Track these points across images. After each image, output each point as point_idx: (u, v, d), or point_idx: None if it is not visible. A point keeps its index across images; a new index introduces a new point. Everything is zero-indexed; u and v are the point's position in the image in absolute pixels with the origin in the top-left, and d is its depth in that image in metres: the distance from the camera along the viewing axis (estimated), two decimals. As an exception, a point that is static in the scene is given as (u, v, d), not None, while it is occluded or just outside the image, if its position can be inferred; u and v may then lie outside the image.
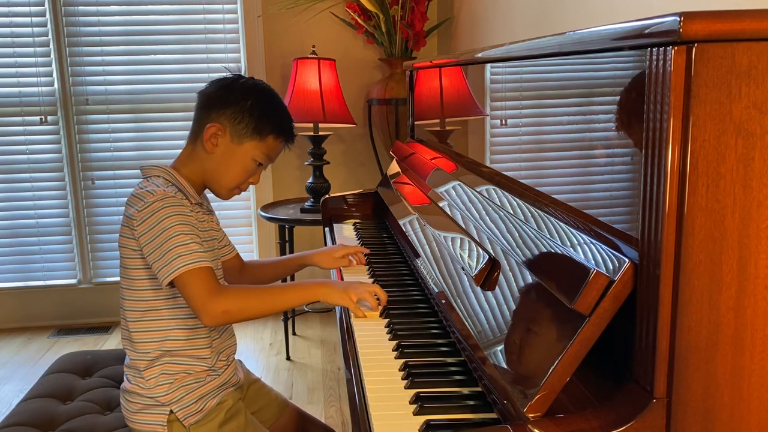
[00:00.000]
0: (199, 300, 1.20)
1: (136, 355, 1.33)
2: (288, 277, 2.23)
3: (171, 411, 1.30)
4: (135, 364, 1.33)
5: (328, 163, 2.95)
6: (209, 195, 1.48)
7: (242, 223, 3.48)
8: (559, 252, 0.85)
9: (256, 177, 1.41)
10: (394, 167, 2.06)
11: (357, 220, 2.11)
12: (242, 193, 1.44)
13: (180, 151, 1.40)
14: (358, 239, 1.89)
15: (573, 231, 0.86)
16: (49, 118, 3.27)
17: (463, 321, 1.04)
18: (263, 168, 1.41)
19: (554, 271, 0.83)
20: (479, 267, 1.05)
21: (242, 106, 1.34)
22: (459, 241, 1.20)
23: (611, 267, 0.74)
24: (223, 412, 1.34)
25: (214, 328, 1.36)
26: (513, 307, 0.92)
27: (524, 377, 0.80)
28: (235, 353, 1.44)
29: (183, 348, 1.32)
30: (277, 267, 1.63)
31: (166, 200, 1.24)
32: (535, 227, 0.97)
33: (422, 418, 0.90)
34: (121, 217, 1.32)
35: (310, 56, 2.91)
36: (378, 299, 1.32)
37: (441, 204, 1.43)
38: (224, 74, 1.41)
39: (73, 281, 3.41)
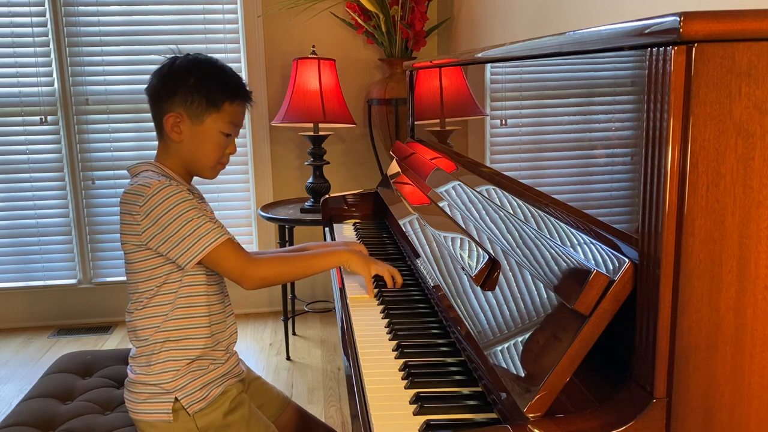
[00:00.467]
0: (238, 269, 1.30)
1: (140, 343, 1.34)
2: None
3: (176, 399, 1.31)
4: (141, 351, 1.34)
5: (328, 163, 2.95)
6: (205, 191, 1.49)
7: (242, 223, 3.48)
8: (559, 252, 0.85)
9: (231, 147, 1.41)
10: (394, 167, 2.06)
11: (357, 220, 2.11)
12: (226, 167, 1.45)
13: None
14: (358, 239, 1.89)
15: (573, 231, 0.86)
16: (49, 118, 3.27)
17: (463, 321, 1.04)
18: (234, 136, 1.41)
19: (554, 271, 0.83)
20: (479, 267, 1.05)
21: (187, 86, 1.34)
22: (459, 241, 1.20)
23: (611, 267, 0.74)
24: (228, 401, 1.35)
25: (214, 312, 1.38)
26: (513, 307, 0.92)
27: (524, 377, 0.80)
28: (235, 343, 1.45)
29: (181, 327, 1.33)
30: None
31: (165, 189, 1.26)
32: (535, 227, 0.97)
33: (422, 418, 0.90)
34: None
35: (310, 56, 2.91)
36: (394, 280, 1.43)
37: (441, 204, 1.43)
38: (162, 63, 1.40)
39: (73, 281, 3.41)
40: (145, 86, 1.39)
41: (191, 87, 1.34)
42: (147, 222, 1.26)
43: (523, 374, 0.81)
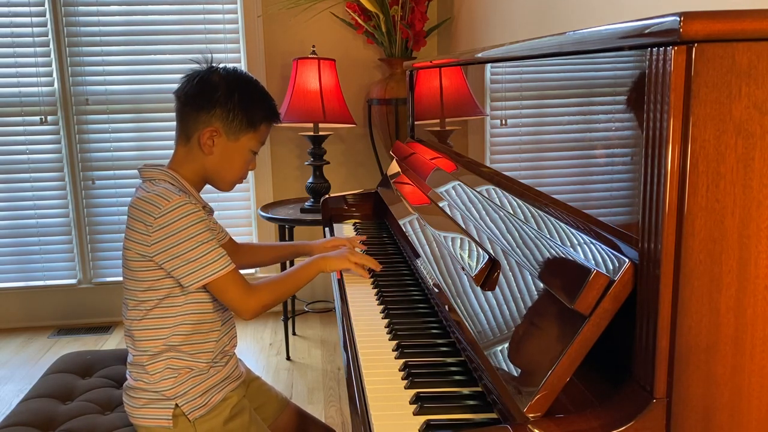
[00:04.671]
0: (239, 300, 1.31)
1: (137, 352, 1.33)
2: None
3: (176, 405, 1.30)
4: (139, 360, 1.33)
5: (328, 163, 2.95)
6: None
7: (242, 223, 3.48)
8: (559, 252, 0.85)
9: (253, 164, 1.43)
10: (394, 167, 2.06)
11: (357, 220, 2.11)
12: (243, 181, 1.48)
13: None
14: (358, 239, 1.88)
15: (573, 231, 0.86)
16: (49, 118, 3.27)
17: (463, 321, 1.04)
18: (257, 153, 1.44)
19: (554, 271, 0.83)
20: (479, 267, 1.05)
21: (230, 103, 1.34)
22: (459, 241, 1.20)
23: (611, 267, 0.74)
24: (228, 409, 1.35)
25: (221, 322, 1.37)
26: (513, 307, 0.92)
27: (524, 377, 0.80)
28: (235, 346, 1.45)
29: (187, 343, 1.32)
30: (272, 251, 1.69)
31: (184, 207, 1.25)
32: (535, 227, 0.97)
33: (422, 418, 0.90)
34: (123, 217, 1.32)
35: (310, 56, 2.91)
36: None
37: (441, 204, 1.43)
38: (194, 67, 1.39)
39: (73, 281, 3.41)
40: (177, 89, 1.38)
41: (234, 103, 1.34)
42: (159, 235, 1.25)
43: (523, 374, 0.81)
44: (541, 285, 0.86)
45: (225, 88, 1.34)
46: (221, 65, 1.40)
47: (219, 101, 1.33)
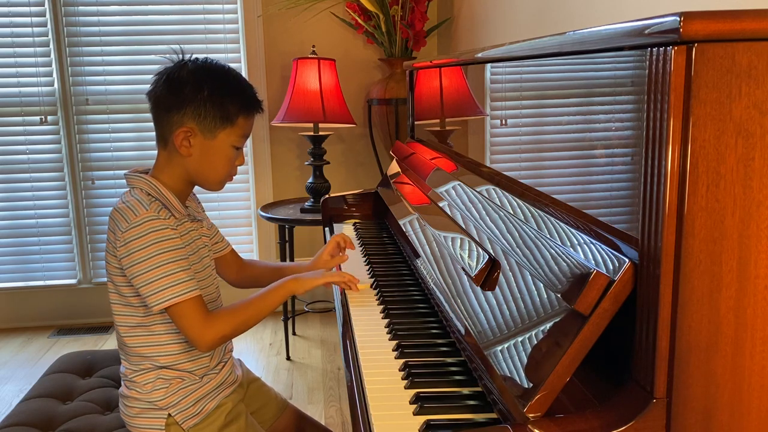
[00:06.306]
0: (194, 330, 1.23)
1: (128, 364, 1.32)
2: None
3: (169, 414, 1.29)
4: (128, 373, 1.32)
5: (328, 163, 2.95)
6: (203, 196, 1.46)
7: (242, 223, 3.48)
8: (559, 252, 0.85)
9: (240, 159, 1.34)
10: (394, 167, 2.06)
11: (357, 220, 2.11)
12: (234, 178, 1.39)
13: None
14: (358, 239, 1.89)
15: (573, 231, 0.86)
16: (49, 118, 3.27)
17: (463, 321, 1.03)
18: (242, 148, 1.35)
19: (554, 272, 0.83)
20: (479, 267, 1.05)
21: (200, 99, 1.25)
22: (459, 241, 1.20)
23: (611, 267, 0.74)
24: (223, 415, 1.33)
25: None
26: (513, 307, 0.92)
27: (524, 377, 0.80)
28: (231, 350, 1.44)
29: (179, 361, 1.31)
30: (275, 273, 1.58)
31: (150, 223, 1.21)
32: (535, 227, 0.97)
33: (422, 418, 0.90)
34: None
35: (310, 56, 2.91)
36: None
37: (441, 204, 1.43)
38: (165, 65, 1.32)
39: (73, 281, 3.41)
40: (149, 89, 1.31)
41: (204, 99, 1.25)
42: (124, 250, 1.21)
43: (523, 374, 0.81)
44: (541, 285, 0.86)
45: (193, 84, 1.26)
46: (192, 58, 1.32)
47: (188, 99, 1.25)
